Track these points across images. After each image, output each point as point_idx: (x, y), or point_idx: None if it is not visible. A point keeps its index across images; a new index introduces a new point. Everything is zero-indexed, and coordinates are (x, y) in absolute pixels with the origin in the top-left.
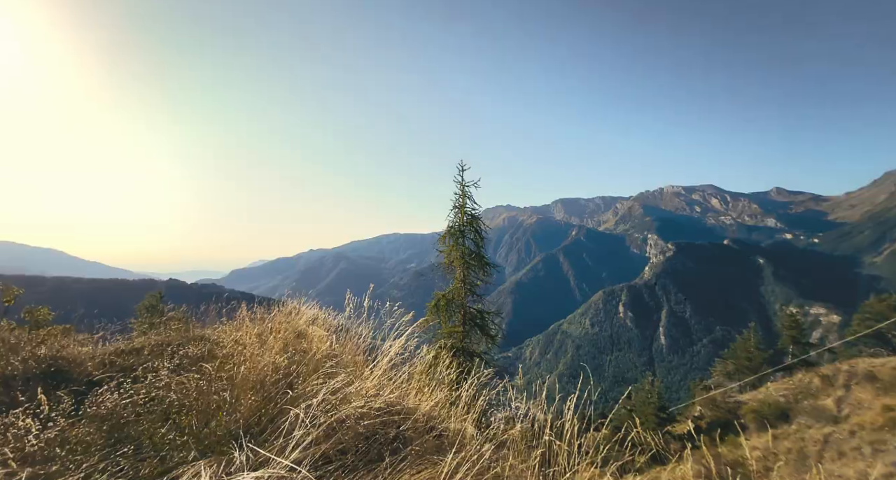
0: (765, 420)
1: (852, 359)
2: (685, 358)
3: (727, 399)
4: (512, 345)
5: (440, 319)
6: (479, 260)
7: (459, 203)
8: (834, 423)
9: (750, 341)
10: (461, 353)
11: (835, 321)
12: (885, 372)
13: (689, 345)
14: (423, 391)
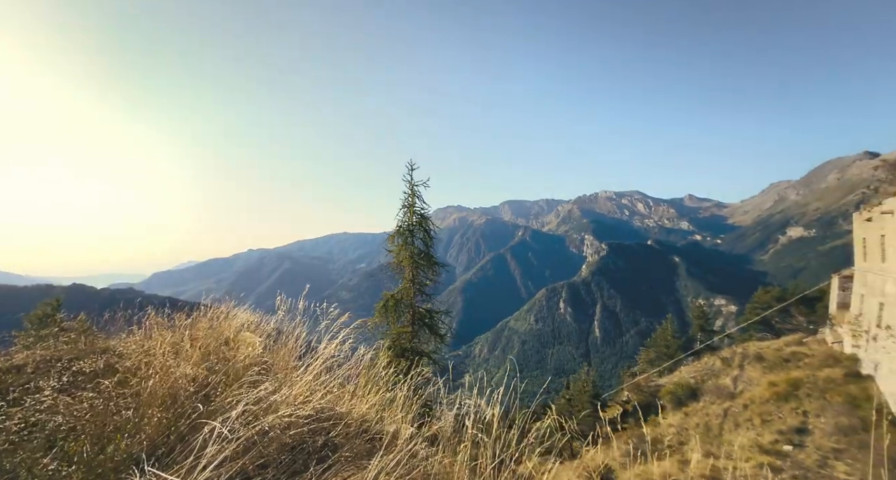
0: (679, 400)
1: (745, 343)
2: (616, 347)
3: (649, 383)
4: (462, 343)
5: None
6: (429, 259)
7: (408, 202)
8: (731, 399)
9: (667, 331)
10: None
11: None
12: (770, 353)
13: (619, 336)
14: (356, 394)
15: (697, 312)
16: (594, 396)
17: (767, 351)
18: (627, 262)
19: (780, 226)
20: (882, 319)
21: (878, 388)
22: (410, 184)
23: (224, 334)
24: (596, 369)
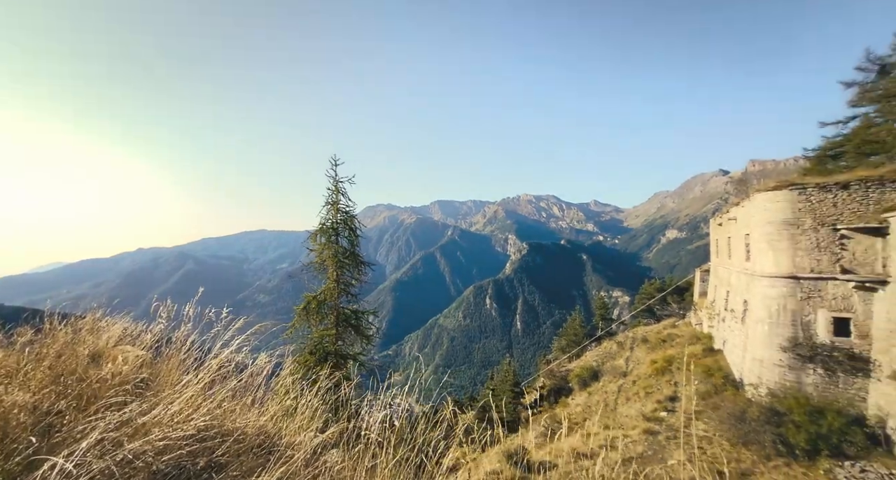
0: (584, 381)
1: (635, 328)
2: (535, 338)
3: (561, 368)
4: (392, 343)
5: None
6: (355, 258)
7: (333, 199)
8: (624, 377)
9: (576, 321)
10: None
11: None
12: (652, 336)
13: (538, 328)
14: (253, 406)
15: (599, 303)
16: (515, 384)
17: (650, 334)
18: (545, 260)
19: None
20: (728, 304)
21: (725, 359)
22: (335, 180)
23: (88, 350)
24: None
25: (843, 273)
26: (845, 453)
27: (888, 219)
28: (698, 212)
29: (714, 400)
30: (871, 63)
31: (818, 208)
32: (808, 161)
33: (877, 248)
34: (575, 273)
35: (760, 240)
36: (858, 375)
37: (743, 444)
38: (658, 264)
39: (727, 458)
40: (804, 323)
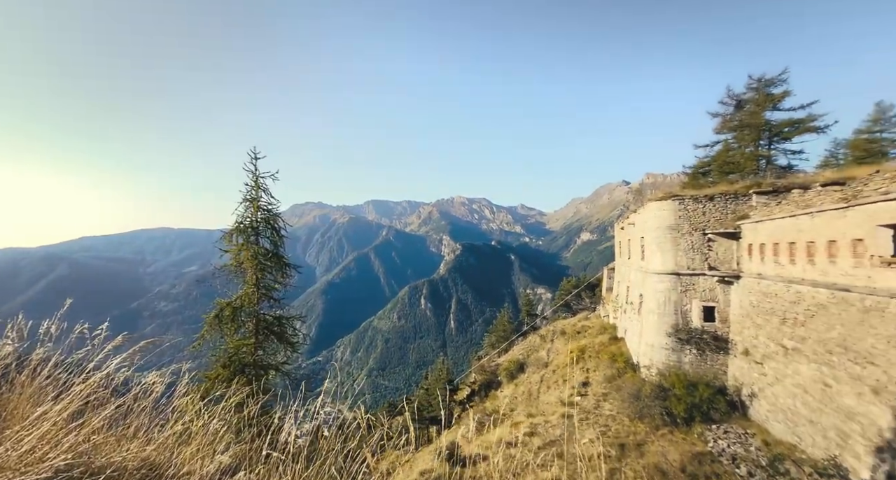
0: (512, 374)
1: (555, 322)
2: (468, 336)
3: (491, 363)
4: (323, 348)
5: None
6: (278, 260)
7: (252, 195)
8: (545, 367)
9: (504, 318)
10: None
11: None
12: (569, 328)
13: (470, 325)
14: (131, 435)
15: (525, 300)
16: (448, 382)
17: (568, 327)
18: (477, 260)
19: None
20: (628, 297)
21: (627, 346)
22: (255, 175)
23: None
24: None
25: (710, 269)
26: (712, 418)
27: (740, 225)
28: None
29: (617, 383)
30: (730, 98)
31: (693, 216)
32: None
33: (733, 249)
34: (504, 272)
35: (652, 242)
36: (721, 353)
37: (639, 418)
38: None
39: (627, 432)
40: (683, 312)
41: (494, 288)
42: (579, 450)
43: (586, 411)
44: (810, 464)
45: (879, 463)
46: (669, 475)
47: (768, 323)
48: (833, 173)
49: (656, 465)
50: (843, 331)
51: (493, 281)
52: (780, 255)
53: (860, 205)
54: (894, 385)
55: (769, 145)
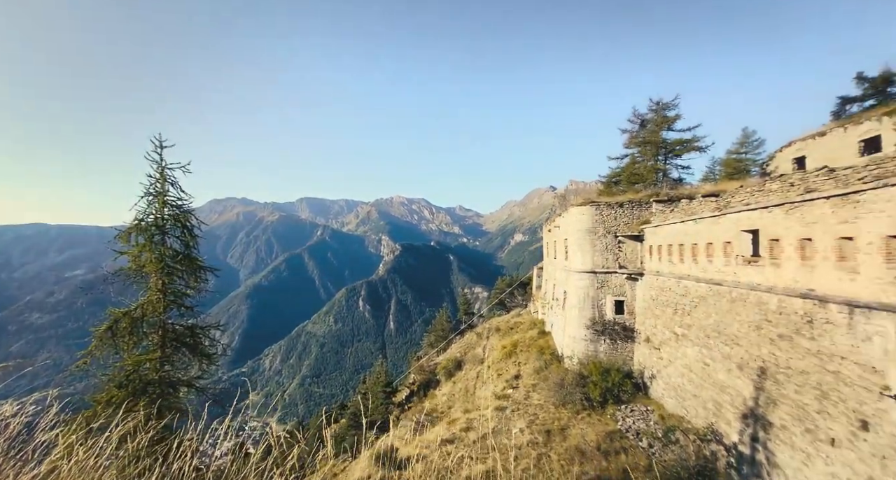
0: (450, 372)
1: (490, 320)
2: (407, 337)
3: (430, 363)
4: (248, 358)
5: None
6: (190, 262)
7: (158, 189)
8: (481, 363)
9: (443, 317)
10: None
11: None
12: (503, 325)
13: (410, 326)
14: None
15: (463, 299)
16: (387, 385)
17: (502, 324)
18: (417, 260)
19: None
20: (554, 294)
21: (553, 339)
22: (160, 166)
23: None
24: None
25: (620, 268)
26: (622, 399)
27: (643, 229)
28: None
29: (545, 373)
30: (636, 118)
31: (607, 220)
32: (602, 184)
33: (638, 250)
34: (444, 272)
35: (573, 244)
36: (629, 341)
37: (562, 405)
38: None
39: (552, 419)
40: (599, 306)
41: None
42: (511, 440)
43: (517, 402)
44: (694, 432)
45: (744, 427)
46: (587, 454)
47: (664, 314)
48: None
49: (577, 446)
50: (717, 318)
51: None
52: (672, 255)
53: (729, 213)
54: (754, 361)
55: (665, 160)
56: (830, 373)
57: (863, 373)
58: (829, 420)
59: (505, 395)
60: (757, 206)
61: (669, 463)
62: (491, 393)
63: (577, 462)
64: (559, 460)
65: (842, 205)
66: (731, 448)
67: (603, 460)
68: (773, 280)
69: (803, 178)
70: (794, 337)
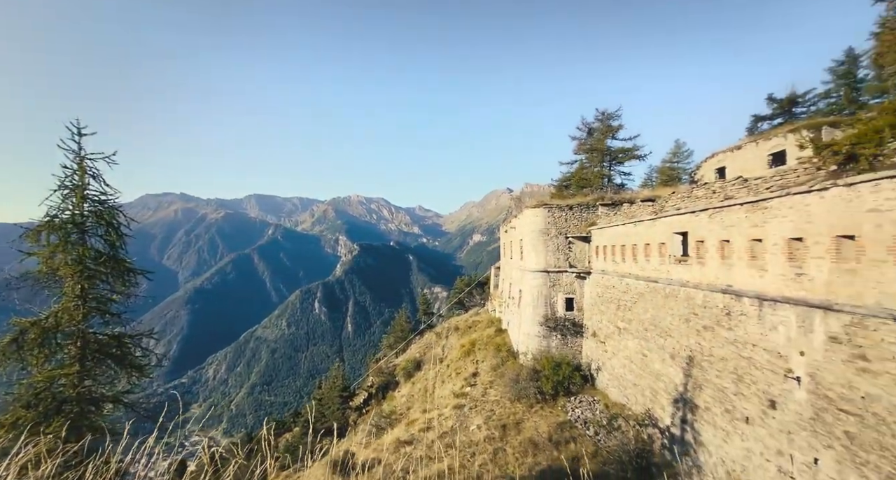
0: (409, 373)
1: (450, 319)
2: (366, 339)
3: (389, 364)
4: (189, 368)
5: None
6: (116, 264)
7: (75, 182)
8: (441, 362)
9: (402, 318)
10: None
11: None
12: (462, 324)
13: (369, 328)
14: None
15: (422, 300)
16: (344, 389)
17: (461, 323)
18: (376, 261)
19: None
20: (511, 293)
21: (509, 337)
22: (78, 156)
23: None
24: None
25: (570, 267)
26: (571, 391)
27: (590, 230)
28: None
29: (501, 370)
30: (584, 126)
31: (558, 222)
32: (554, 188)
33: (586, 250)
34: (403, 272)
35: (528, 244)
36: (578, 336)
37: (518, 400)
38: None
39: (508, 413)
40: (551, 304)
41: (393, 289)
42: (468, 437)
43: (475, 400)
44: (634, 418)
45: (676, 411)
46: (540, 445)
47: (609, 310)
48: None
49: (530, 439)
50: (653, 313)
51: (392, 281)
52: (616, 255)
53: (663, 217)
54: (684, 351)
55: (609, 166)
56: (745, 359)
57: (770, 358)
58: (743, 400)
59: (463, 393)
60: (686, 211)
61: (612, 449)
62: (450, 392)
63: (531, 453)
64: (514, 453)
65: (753, 210)
66: (665, 430)
67: (554, 450)
68: (699, 277)
69: (723, 186)
70: (716, 327)
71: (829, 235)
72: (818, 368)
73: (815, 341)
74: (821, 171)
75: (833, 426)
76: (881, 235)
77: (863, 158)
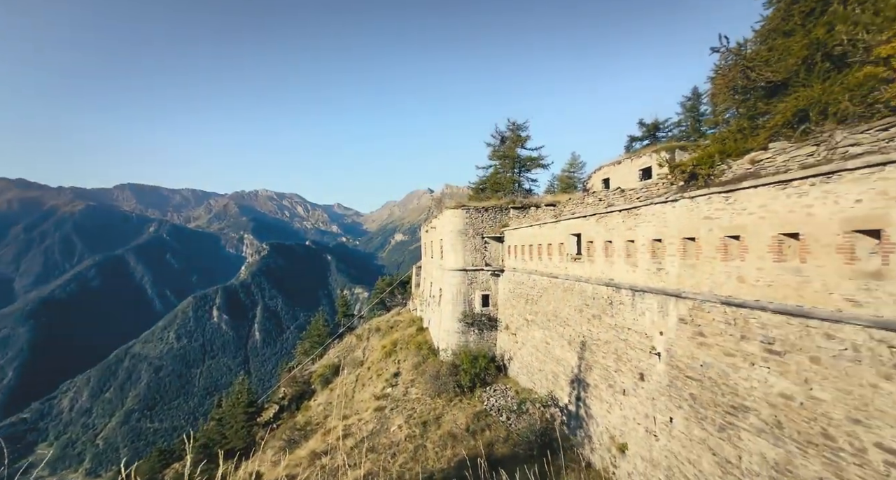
0: (327, 379)
1: (371, 320)
2: (277, 347)
3: (304, 372)
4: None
5: None
6: None
7: None
8: (361, 365)
9: (319, 322)
10: None
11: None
12: (383, 324)
13: (280, 334)
14: None
15: (341, 301)
16: (249, 404)
17: (382, 323)
18: (288, 261)
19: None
20: (432, 292)
21: (430, 335)
22: None
23: None
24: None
25: (486, 265)
26: (487, 381)
27: (503, 231)
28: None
29: (422, 368)
30: (497, 134)
31: (475, 223)
32: (472, 190)
33: (500, 250)
34: (321, 273)
35: (448, 244)
36: (493, 330)
37: (438, 395)
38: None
39: (428, 410)
40: (469, 301)
41: (310, 291)
42: (389, 439)
43: (397, 400)
44: (539, 401)
45: (572, 390)
46: (458, 436)
47: (519, 304)
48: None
49: (449, 432)
50: (555, 305)
51: (309, 283)
52: (524, 254)
53: (562, 220)
54: (579, 337)
55: (519, 173)
56: (622, 341)
57: (640, 339)
58: (622, 376)
59: (384, 394)
60: (580, 215)
61: (522, 431)
62: (370, 395)
63: (450, 446)
64: (434, 448)
65: (628, 216)
66: (564, 408)
67: (471, 439)
68: (589, 273)
69: (606, 195)
70: (602, 316)
71: (679, 237)
72: (672, 344)
73: (670, 322)
74: (673, 186)
75: (682, 390)
76: (712, 238)
77: (700, 177)
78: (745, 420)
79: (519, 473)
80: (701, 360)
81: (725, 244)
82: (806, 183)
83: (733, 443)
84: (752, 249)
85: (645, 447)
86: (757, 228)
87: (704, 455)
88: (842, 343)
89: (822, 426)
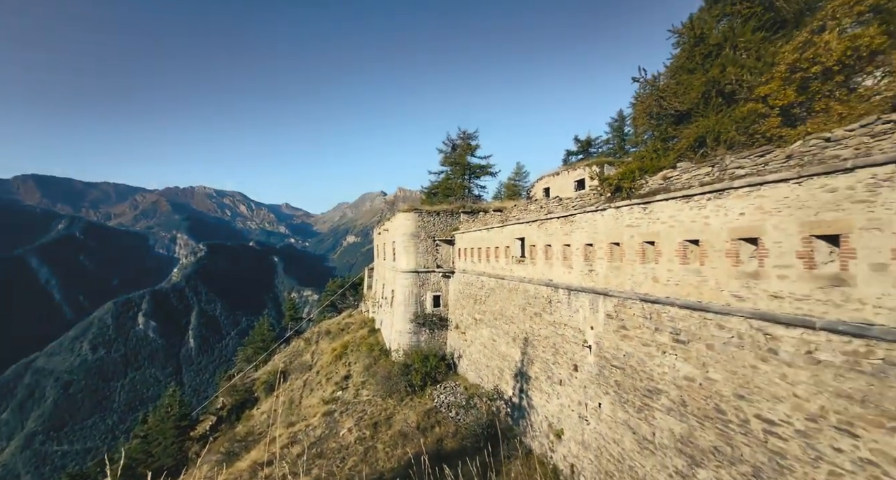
0: (271, 386)
1: (320, 323)
2: (215, 354)
3: (245, 380)
4: None
5: None
6: None
7: None
8: (310, 370)
9: (263, 326)
10: None
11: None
12: (334, 327)
13: (219, 341)
14: None
15: (289, 304)
16: (181, 418)
17: (332, 326)
18: (229, 263)
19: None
20: (384, 293)
21: (382, 336)
22: None
23: None
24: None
25: (437, 267)
26: (437, 380)
27: (454, 234)
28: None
29: (374, 369)
30: (449, 141)
31: (427, 226)
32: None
33: (450, 252)
34: (266, 276)
35: (400, 246)
36: (444, 330)
37: (389, 396)
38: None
39: (379, 411)
40: (421, 302)
41: (253, 295)
42: (338, 443)
43: (347, 403)
44: (486, 395)
45: (515, 383)
46: (409, 435)
47: (468, 304)
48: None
49: (400, 431)
50: (501, 304)
51: (252, 286)
52: (474, 256)
53: (508, 225)
54: (522, 334)
55: (469, 179)
56: (559, 336)
57: (575, 333)
58: (558, 367)
59: (334, 398)
60: (523, 221)
61: (469, 425)
62: (318, 400)
63: (401, 445)
64: (384, 448)
65: (565, 223)
66: (508, 401)
67: (422, 437)
68: (532, 274)
69: (546, 203)
70: (542, 313)
71: (607, 242)
72: (601, 337)
73: (599, 318)
74: (602, 197)
75: (609, 378)
76: (633, 243)
77: (624, 189)
78: (658, 401)
79: (462, 466)
80: (624, 350)
81: (643, 249)
82: (704, 197)
83: (648, 422)
84: (664, 253)
85: (578, 431)
86: (668, 235)
87: (626, 434)
88: (730, 332)
89: (715, 402)
